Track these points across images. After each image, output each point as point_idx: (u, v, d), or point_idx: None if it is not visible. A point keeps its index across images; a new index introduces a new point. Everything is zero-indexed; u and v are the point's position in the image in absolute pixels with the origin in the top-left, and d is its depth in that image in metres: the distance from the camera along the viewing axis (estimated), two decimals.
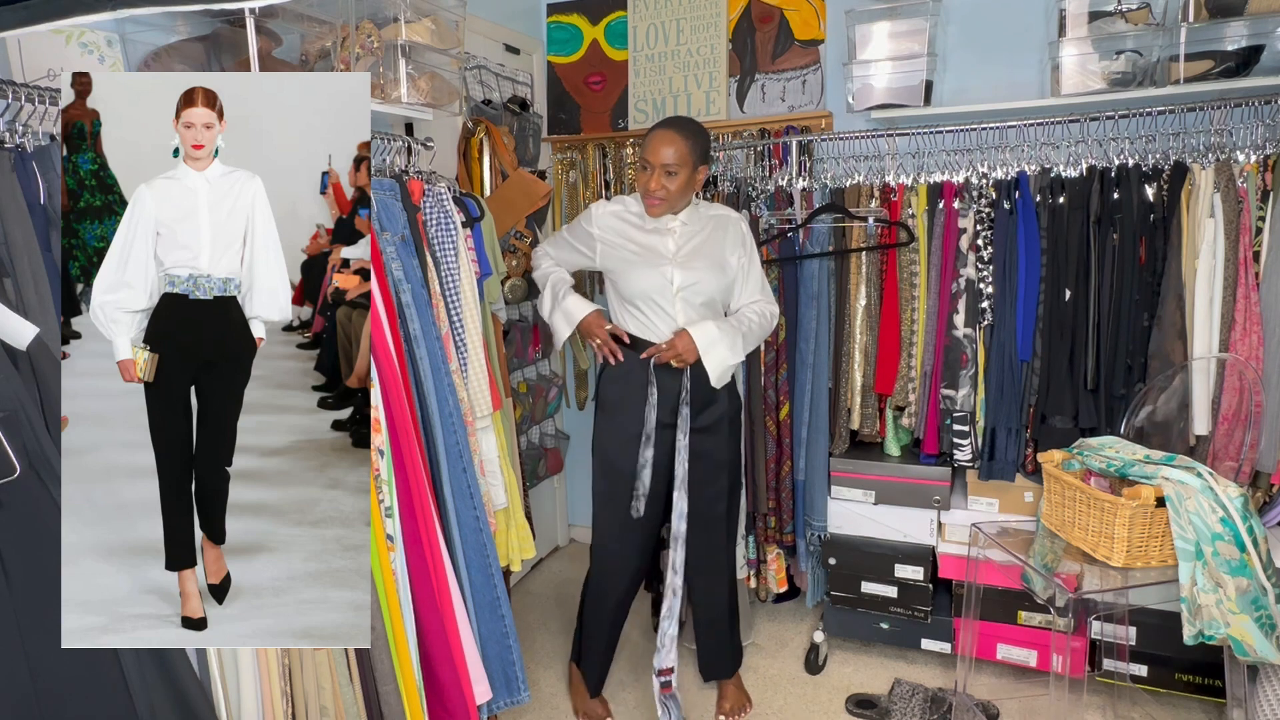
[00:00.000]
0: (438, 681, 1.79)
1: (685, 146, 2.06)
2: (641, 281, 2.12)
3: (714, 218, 2.24)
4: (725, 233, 2.21)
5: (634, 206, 2.20)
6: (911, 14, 2.66)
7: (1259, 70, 2.29)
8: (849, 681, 2.61)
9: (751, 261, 2.25)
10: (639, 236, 2.17)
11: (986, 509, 2.52)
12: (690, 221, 2.19)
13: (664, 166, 2.06)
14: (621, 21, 3.31)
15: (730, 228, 2.23)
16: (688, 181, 2.10)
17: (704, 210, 2.25)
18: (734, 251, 2.21)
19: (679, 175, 2.07)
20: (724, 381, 2.17)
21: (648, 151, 2.09)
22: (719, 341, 2.10)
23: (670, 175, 2.07)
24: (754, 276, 2.26)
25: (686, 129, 2.09)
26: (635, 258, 2.14)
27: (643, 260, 2.14)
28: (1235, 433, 2.18)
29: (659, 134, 2.08)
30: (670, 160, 2.05)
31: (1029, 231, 2.39)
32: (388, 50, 2.08)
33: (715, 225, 2.22)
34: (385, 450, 1.69)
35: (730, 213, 2.27)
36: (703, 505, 2.23)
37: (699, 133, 2.12)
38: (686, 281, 2.12)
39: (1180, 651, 2.23)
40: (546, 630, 2.96)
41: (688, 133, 2.08)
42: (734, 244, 2.21)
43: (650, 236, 2.17)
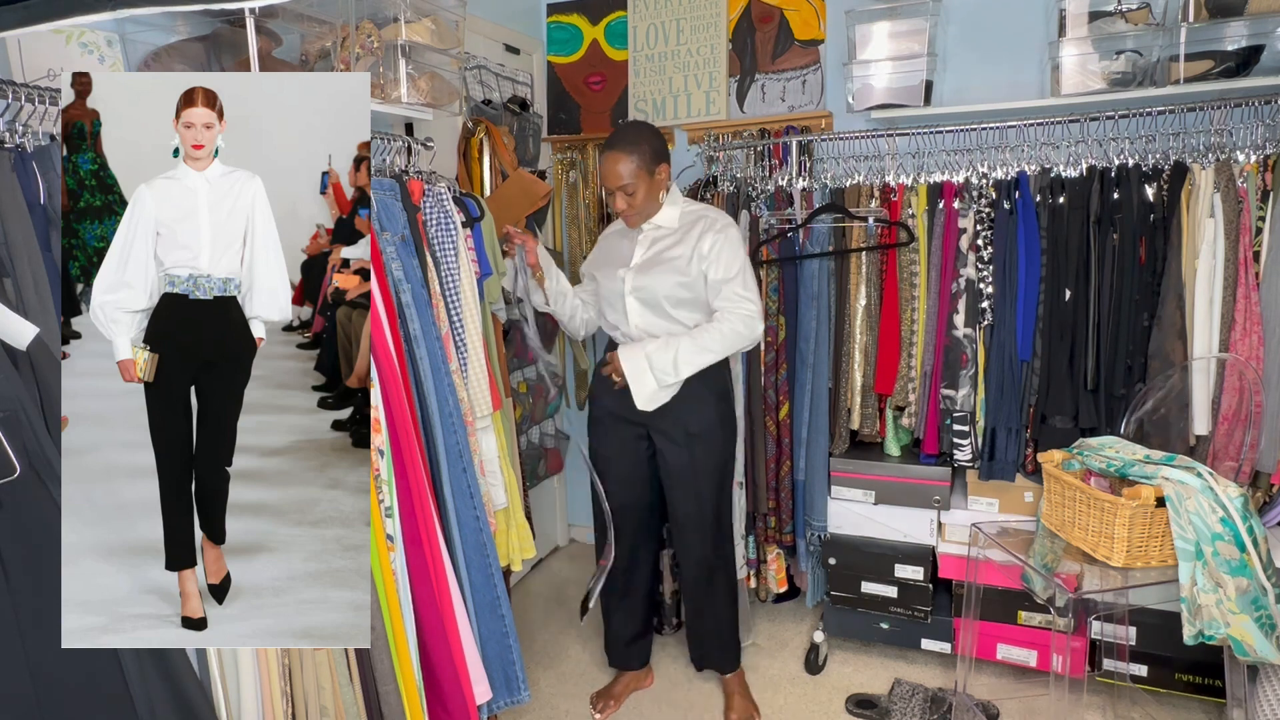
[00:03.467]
0: (438, 681, 1.78)
1: (634, 161, 2.14)
2: (605, 284, 2.30)
3: (693, 217, 2.24)
4: (695, 231, 2.21)
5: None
6: (911, 14, 2.66)
7: (1259, 70, 2.29)
8: (849, 681, 2.61)
9: (716, 261, 2.15)
10: (617, 244, 2.34)
11: (986, 509, 2.52)
12: (664, 224, 2.25)
13: (621, 188, 2.17)
14: (621, 21, 3.31)
15: (700, 226, 2.21)
16: (649, 189, 2.19)
17: (685, 208, 2.27)
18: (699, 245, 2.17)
19: (638, 189, 2.17)
20: (653, 405, 2.20)
21: (603, 178, 2.20)
22: (646, 373, 2.16)
23: (630, 193, 2.17)
24: (729, 263, 2.15)
25: (629, 143, 2.15)
26: (605, 262, 2.32)
27: (609, 264, 2.30)
28: (1235, 433, 2.18)
29: (606, 157, 2.17)
30: (625, 179, 2.15)
31: (1029, 231, 2.39)
32: (388, 50, 2.08)
33: (690, 225, 2.22)
34: (385, 450, 1.69)
35: (708, 212, 2.25)
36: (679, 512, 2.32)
37: (644, 139, 2.17)
38: (636, 284, 2.21)
39: (1180, 651, 2.23)
40: (546, 630, 2.96)
41: (631, 146, 2.14)
42: (699, 239, 2.18)
43: (623, 243, 2.31)
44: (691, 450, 2.25)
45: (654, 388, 2.16)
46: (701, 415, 2.24)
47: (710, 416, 2.25)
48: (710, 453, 2.28)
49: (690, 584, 2.42)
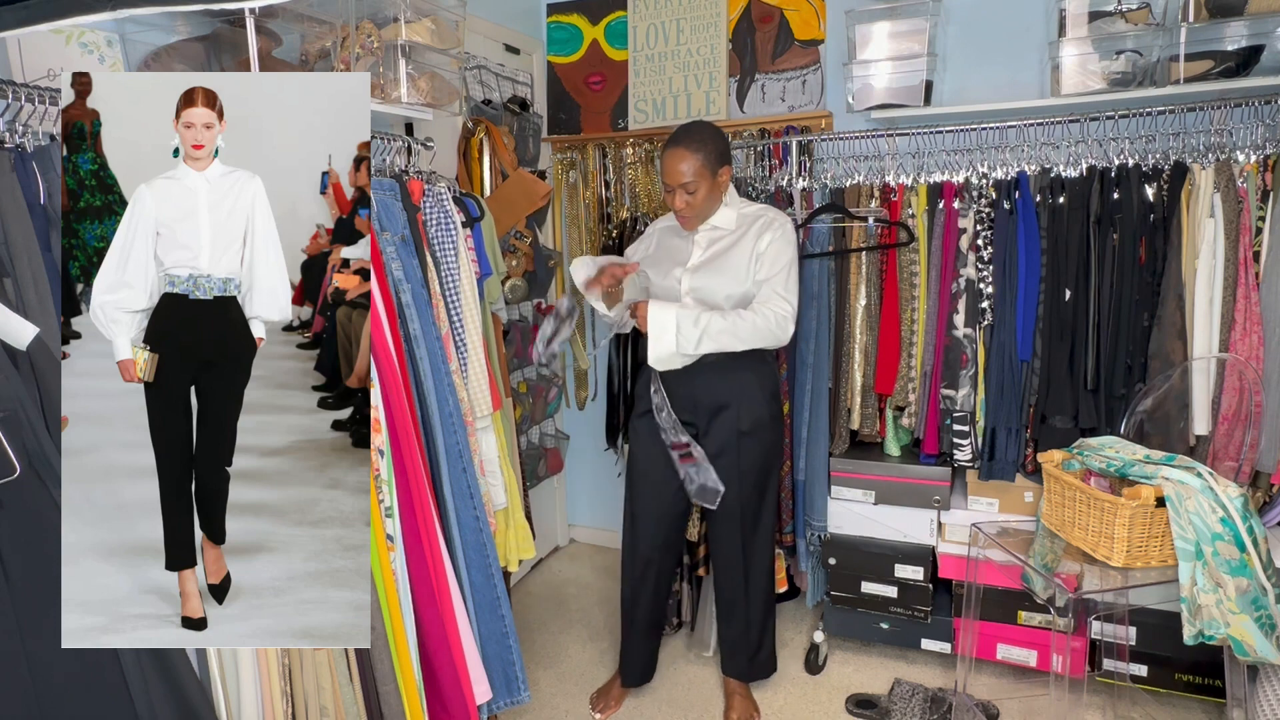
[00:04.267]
0: (438, 681, 1.79)
1: (698, 160, 2.10)
2: (658, 281, 2.24)
3: (751, 218, 2.22)
4: (752, 231, 2.19)
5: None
6: (911, 14, 2.66)
7: (1259, 70, 2.29)
8: (849, 681, 2.61)
9: (765, 257, 2.16)
10: (672, 242, 2.29)
11: (986, 509, 2.52)
12: (722, 225, 2.22)
13: (683, 186, 2.12)
14: (621, 21, 3.31)
15: (758, 225, 2.19)
16: (710, 190, 2.15)
17: (742, 210, 2.24)
18: (754, 251, 2.17)
19: (700, 188, 2.12)
20: (662, 367, 2.15)
21: (664, 174, 2.14)
22: (669, 332, 2.08)
23: (691, 191, 2.12)
24: (777, 259, 2.16)
25: (695, 141, 2.10)
26: (660, 261, 2.27)
27: (664, 262, 2.25)
28: (1235, 433, 2.18)
29: (670, 154, 2.12)
30: (687, 178, 2.10)
31: (1029, 231, 2.39)
32: (388, 50, 2.08)
33: (748, 226, 2.20)
34: (385, 450, 1.69)
35: (767, 211, 2.23)
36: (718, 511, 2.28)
37: (710, 139, 2.12)
38: (694, 285, 2.18)
39: (1180, 651, 2.23)
40: (546, 630, 2.96)
41: (697, 144, 2.10)
42: (757, 238, 2.18)
43: (679, 242, 2.27)
44: (740, 448, 2.22)
45: (671, 350, 2.09)
46: (754, 413, 2.22)
47: (763, 415, 2.23)
48: (759, 451, 2.25)
49: (723, 587, 2.39)
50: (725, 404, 2.21)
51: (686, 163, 2.09)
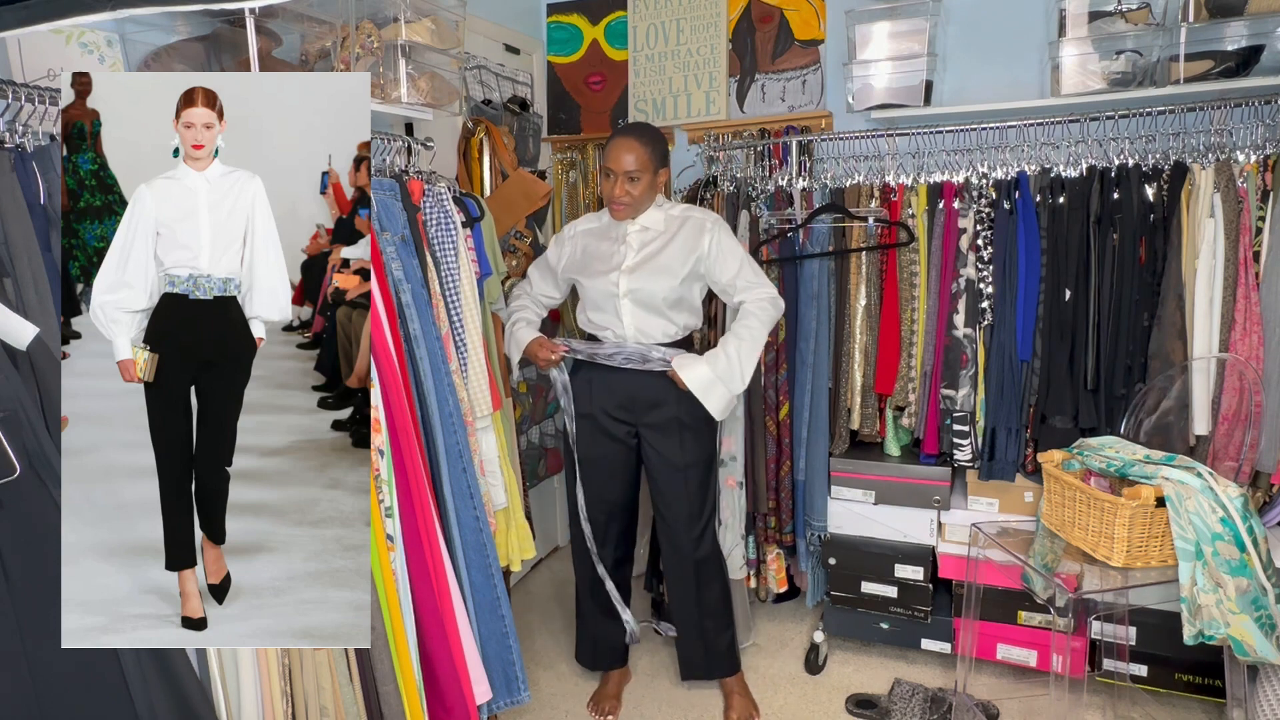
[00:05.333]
0: (438, 681, 1.79)
1: (645, 152, 2.15)
2: (592, 285, 2.23)
3: (679, 219, 2.24)
4: (684, 232, 2.21)
5: (604, 218, 2.30)
6: (911, 14, 2.66)
7: (1259, 70, 2.30)
8: (849, 681, 2.61)
9: (719, 259, 2.21)
10: (599, 246, 2.28)
11: (986, 509, 2.52)
12: (651, 225, 2.24)
13: (627, 173, 2.15)
14: (621, 21, 3.31)
15: (688, 226, 2.22)
16: (649, 185, 2.19)
17: (669, 211, 2.26)
18: (695, 246, 2.19)
19: (641, 180, 2.16)
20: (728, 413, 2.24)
21: (609, 160, 2.17)
22: (715, 383, 2.17)
23: (633, 181, 2.16)
24: (732, 256, 2.22)
25: (645, 135, 2.17)
26: (590, 266, 2.26)
27: (596, 268, 2.25)
28: (1235, 433, 2.18)
29: (619, 141, 2.16)
30: (632, 166, 2.14)
31: (1029, 231, 2.39)
32: (388, 50, 2.08)
33: (677, 227, 2.23)
34: (385, 450, 1.69)
35: (694, 212, 2.26)
36: (661, 504, 2.32)
37: (657, 138, 2.20)
38: (632, 287, 2.19)
39: (1180, 651, 2.23)
40: (546, 630, 2.96)
41: (646, 139, 2.16)
42: (693, 239, 2.20)
43: (608, 245, 2.27)
44: (682, 440, 2.25)
45: (728, 397, 2.19)
46: (695, 406, 2.22)
47: (700, 410, 2.23)
48: (698, 446, 2.28)
49: (676, 581, 2.39)
50: (663, 400, 2.23)
51: (634, 153, 2.14)
